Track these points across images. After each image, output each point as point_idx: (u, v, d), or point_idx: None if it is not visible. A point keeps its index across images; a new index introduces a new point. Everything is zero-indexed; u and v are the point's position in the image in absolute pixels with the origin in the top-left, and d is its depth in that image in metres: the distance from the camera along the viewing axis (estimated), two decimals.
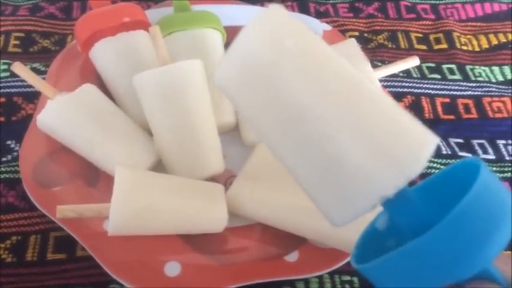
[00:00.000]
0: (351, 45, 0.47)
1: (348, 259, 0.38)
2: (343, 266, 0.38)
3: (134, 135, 0.42)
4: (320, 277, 0.40)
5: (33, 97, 0.48)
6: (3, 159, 0.44)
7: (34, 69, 0.50)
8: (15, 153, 0.45)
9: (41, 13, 0.56)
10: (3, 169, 0.43)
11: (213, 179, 0.42)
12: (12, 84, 0.49)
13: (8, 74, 0.49)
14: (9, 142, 0.45)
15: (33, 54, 0.52)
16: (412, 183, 0.22)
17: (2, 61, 0.50)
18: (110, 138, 0.41)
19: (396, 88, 0.52)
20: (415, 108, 0.52)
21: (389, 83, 0.52)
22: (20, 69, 0.41)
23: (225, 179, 0.43)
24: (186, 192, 0.39)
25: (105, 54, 0.45)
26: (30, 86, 0.48)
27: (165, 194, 0.37)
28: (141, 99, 0.41)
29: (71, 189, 0.40)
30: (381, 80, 0.44)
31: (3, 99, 0.48)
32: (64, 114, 0.40)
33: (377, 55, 0.56)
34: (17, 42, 0.53)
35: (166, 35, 0.46)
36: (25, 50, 0.53)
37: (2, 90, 0.48)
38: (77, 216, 0.35)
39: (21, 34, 0.54)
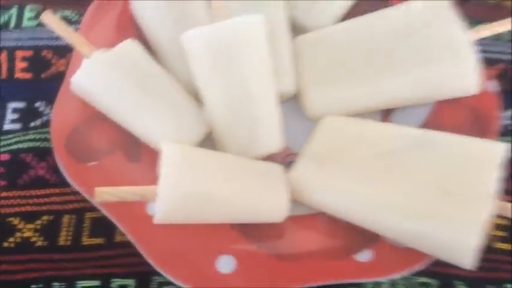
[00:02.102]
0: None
1: (429, 262, 0.33)
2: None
3: (182, 103, 0.38)
4: (392, 278, 0.35)
5: (65, 52, 0.43)
6: (32, 124, 0.40)
7: (65, 19, 0.45)
8: (45, 118, 0.40)
9: None
10: (31, 136, 0.39)
11: (270, 157, 0.37)
12: (41, 35, 0.44)
13: (35, 23, 0.45)
14: (38, 104, 0.41)
15: (64, 1, 0.46)
16: None
17: (29, 7, 0.45)
18: (155, 106, 0.36)
19: (485, 53, 0.45)
20: (505, 79, 0.45)
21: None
22: (51, 20, 0.37)
23: (283, 158, 0.38)
24: (242, 174, 0.34)
25: (149, 3, 0.39)
26: (61, 38, 0.42)
27: (218, 177, 0.33)
28: (190, 62, 0.36)
29: (109, 164, 0.36)
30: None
31: (30, 53, 0.43)
32: (102, 76, 0.36)
33: (462, 10, 0.48)
34: None
35: None
36: None
37: (29, 43, 0.43)
38: (118, 199, 0.31)
39: None
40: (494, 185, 0.31)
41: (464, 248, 0.30)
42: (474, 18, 0.47)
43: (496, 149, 0.33)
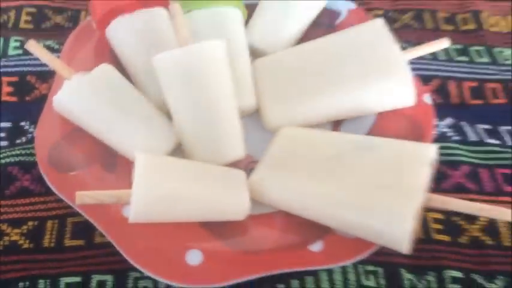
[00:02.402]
0: (379, 25, 0.45)
1: (373, 250, 0.37)
2: (367, 256, 0.37)
3: (153, 118, 0.41)
4: (344, 267, 0.39)
5: (47, 76, 0.47)
6: (18, 141, 0.43)
7: (47, 47, 0.48)
8: (29, 135, 0.44)
9: None
10: (17, 151, 0.43)
11: (233, 164, 0.41)
12: (25, 62, 0.48)
13: (20, 51, 0.48)
14: (23, 123, 0.45)
15: (46, 31, 0.51)
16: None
17: (14, 38, 0.49)
18: (129, 121, 0.40)
19: (422, 71, 0.51)
20: (442, 92, 0.50)
21: (414, 66, 0.50)
22: (35, 47, 0.40)
23: (246, 165, 0.42)
24: (207, 178, 0.38)
25: (123, 32, 0.44)
26: (43, 65, 0.45)
27: (186, 180, 0.36)
28: (160, 81, 0.40)
29: (88, 173, 0.40)
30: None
31: (15, 79, 0.47)
32: (81, 95, 0.40)
33: (402, 35, 0.53)
34: (28, 18, 0.52)
35: (186, 12, 0.44)
36: (37, 26, 0.51)
37: (14, 69, 0.47)
38: (96, 202, 0.34)
39: (33, 9, 0.52)
40: (425, 179, 0.35)
41: (400, 234, 0.33)
42: (415, 42, 0.53)
43: (426, 149, 0.37)
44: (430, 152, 0.37)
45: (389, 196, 0.35)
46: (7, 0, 0.52)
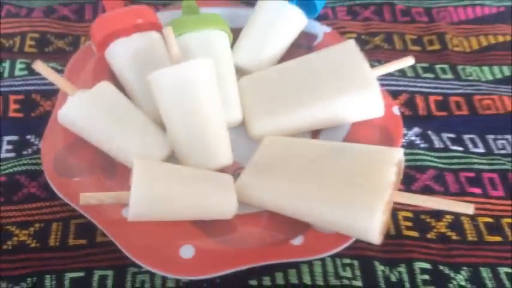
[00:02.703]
0: (351, 46, 0.50)
1: (348, 243, 0.40)
2: (344, 250, 0.41)
3: (148, 129, 0.45)
4: (323, 260, 0.43)
5: (51, 94, 0.51)
6: (24, 152, 0.47)
7: (51, 68, 0.52)
8: (35, 147, 0.47)
9: (54, 15, 0.59)
10: (24, 161, 0.46)
11: (221, 170, 0.45)
12: (30, 82, 0.52)
13: (26, 72, 0.52)
14: (28, 137, 0.48)
15: (49, 54, 0.55)
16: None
17: (19, 60, 0.53)
18: (126, 132, 0.44)
19: (392, 86, 0.56)
20: (410, 105, 0.55)
21: (385, 82, 0.55)
22: (41, 67, 0.44)
23: (233, 170, 0.46)
24: (198, 181, 0.41)
25: (121, 53, 0.48)
26: (47, 84, 0.51)
27: (179, 183, 0.40)
28: (155, 95, 0.44)
29: (89, 179, 0.43)
30: (378, 79, 0.47)
31: (21, 97, 0.50)
32: (84, 109, 0.43)
33: (374, 56, 0.59)
34: (32, 42, 0.56)
35: (177, 35, 0.49)
36: (41, 50, 0.56)
37: (20, 88, 0.51)
38: (98, 202, 0.38)
39: (37, 35, 0.56)
40: (391, 177, 0.39)
41: (370, 226, 0.37)
42: (385, 61, 0.58)
43: (392, 152, 0.41)
44: (396, 154, 0.41)
45: (360, 193, 0.39)
46: (13, 27, 0.57)
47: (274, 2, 0.53)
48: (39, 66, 0.44)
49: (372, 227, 0.37)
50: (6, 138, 0.48)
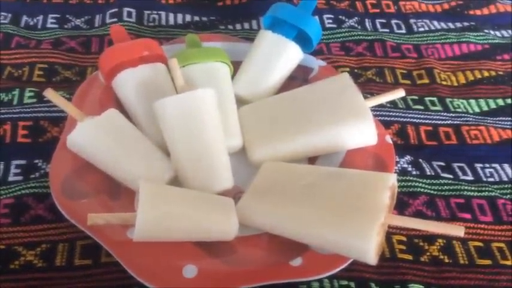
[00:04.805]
0: (345, 78, 0.53)
1: (346, 264, 0.42)
2: (341, 272, 0.42)
3: (153, 154, 0.47)
4: (320, 281, 0.44)
5: (58, 121, 0.53)
6: (32, 176, 0.49)
7: None
8: (42, 171, 0.49)
9: (62, 47, 0.62)
10: (32, 184, 0.48)
11: (223, 194, 0.46)
12: (39, 109, 0.54)
13: (34, 100, 0.54)
14: (36, 161, 0.50)
15: (56, 84, 0.58)
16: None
17: (28, 89, 0.55)
18: (132, 156, 0.46)
19: (384, 117, 0.58)
20: (401, 135, 0.57)
21: (377, 113, 0.58)
22: (52, 95, 0.46)
23: (234, 194, 0.48)
24: (201, 204, 0.43)
25: (128, 83, 0.50)
26: (55, 111, 0.53)
27: (183, 205, 0.42)
28: (160, 122, 0.46)
29: (96, 201, 0.45)
30: (371, 109, 0.49)
31: (30, 123, 0.52)
32: (92, 135, 0.46)
33: (366, 88, 0.62)
34: (41, 72, 0.58)
35: (181, 67, 0.52)
36: (49, 79, 0.58)
37: (29, 115, 0.53)
38: (105, 223, 0.40)
39: (45, 65, 0.59)
40: (385, 201, 0.40)
41: (366, 246, 0.39)
42: (377, 93, 0.61)
43: (386, 177, 0.43)
44: (390, 178, 0.43)
45: (356, 215, 0.40)
46: (22, 58, 0.59)
47: (272, 37, 0.56)
48: (51, 93, 0.46)
49: (368, 248, 0.39)
50: (14, 162, 0.50)
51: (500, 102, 0.63)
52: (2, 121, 0.52)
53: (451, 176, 0.54)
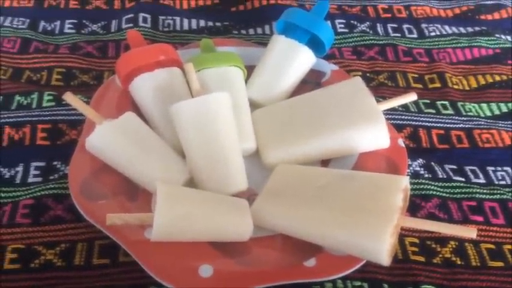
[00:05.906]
0: (357, 82, 0.53)
1: (359, 265, 0.42)
2: (354, 273, 0.43)
3: (169, 156, 0.48)
4: (334, 282, 0.45)
5: (76, 124, 0.54)
6: (51, 177, 0.50)
7: None
8: (61, 173, 0.50)
9: (79, 52, 0.63)
10: (51, 186, 0.49)
11: (237, 195, 0.47)
12: (57, 112, 0.55)
13: (53, 103, 0.56)
14: (55, 163, 0.51)
15: (74, 88, 0.59)
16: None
17: (47, 93, 0.57)
18: (149, 159, 0.47)
19: (396, 121, 0.59)
20: (414, 138, 0.58)
21: (390, 116, 0.59)
22: (71, 98, 0.48)
23: (248, 196, 0.48)
24: (216, 205, 0.44)
25: (144, 87, 0.52)
26: (73, 114, 0.54)
27: (199, 206, 0.43)
28: (176, 125, 0.47)
29: (114, 202, 0.45)
30: (383, 113, 0.50)
31: (48, 126, 0.54)
32: (110, 137, 0.47)
33: (378, 92, 0.62)
34: (59, 76, 0.60)
35: (197, 71, 0.52)
36: (67, 83, 0.59)
37: (48, 118, 0.54)
38: (123, 223, 0.41)
39: (63, 70, 0.60)
40: (398, 203, 0.41)
41: (379, 248, 0.39)
42: (389, 97, 0.61)
43: (399, 179, 0.44)
44: (403, 181, 0.43)
45: (369, 217, 0.41)
46: (41, 62, 0.61)
47: (285, 41, 0.57)
48: (70, 97, 0.47)
49: (382, 249, 0.39)
50: (33, 164, 0.51)
51: None
52: (22, 124, 0.53)
53: (463, 179, 0.54)
